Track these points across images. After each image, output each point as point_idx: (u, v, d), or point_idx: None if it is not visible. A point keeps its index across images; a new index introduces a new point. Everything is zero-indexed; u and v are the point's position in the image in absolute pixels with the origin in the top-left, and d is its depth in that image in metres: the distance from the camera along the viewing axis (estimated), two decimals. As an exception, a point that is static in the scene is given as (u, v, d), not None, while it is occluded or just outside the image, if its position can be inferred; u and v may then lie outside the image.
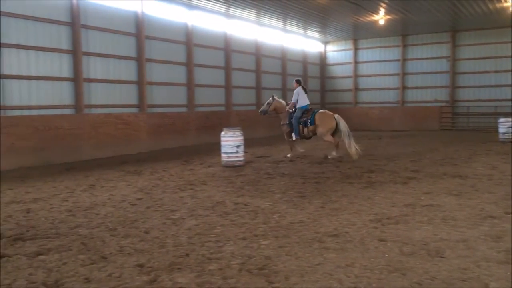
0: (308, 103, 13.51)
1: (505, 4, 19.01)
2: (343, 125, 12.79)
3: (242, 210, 6.99)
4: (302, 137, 13.46)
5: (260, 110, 14.24)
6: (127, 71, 16.08)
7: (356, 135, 22.56)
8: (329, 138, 13.13)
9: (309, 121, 13.05)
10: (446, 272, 4.26)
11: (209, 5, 18.64)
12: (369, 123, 28.03)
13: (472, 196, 7.64)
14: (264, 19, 22.12)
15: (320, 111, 13.38)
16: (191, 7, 18.51)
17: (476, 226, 5.79)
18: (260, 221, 6.27)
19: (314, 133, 13.21)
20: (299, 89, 13.38)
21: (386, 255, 4.78)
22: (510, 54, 24.45)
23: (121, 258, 4.83)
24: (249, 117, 22.13)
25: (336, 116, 13.03)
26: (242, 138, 12.15)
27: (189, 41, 18.67)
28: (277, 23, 23.13)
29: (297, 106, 13.33)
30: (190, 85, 18.85)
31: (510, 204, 6.93)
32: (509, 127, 17.21)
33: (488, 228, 5.69)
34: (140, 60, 16.39)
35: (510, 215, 6.29)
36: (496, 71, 24.88)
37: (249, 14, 20.78)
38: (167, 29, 17.72)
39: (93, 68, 14.81)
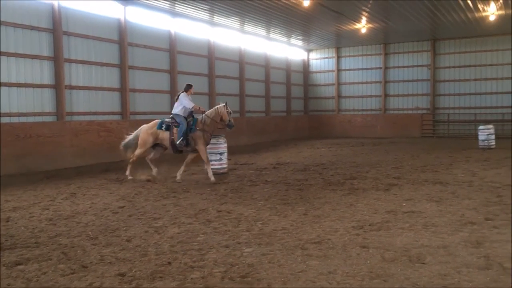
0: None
1: (484, 14, 19.41)
2: None
3: (225, 217, 6.97)
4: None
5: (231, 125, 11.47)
6: (110, 78, 15.97)
7: (339, 143, 22.89)
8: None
9: None
10: (426, 278, 4.30)
11: (193, 13, 18.65)
12: (352, 130, 28.30)
13: (452, 203, 7.74)
14: (248, 27, 22.21)
15: None
16: (175, 14, 18.50)
17: (456, 232, 5.87)
18: (243, 229, 6.26)
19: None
20: None
21: (368, 261, 4.81)
22: (489, 63, 24.98)
23: (102, 267, 4.77)
24: (232, 124, 22.14)
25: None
26: (225, 145, 12.16)
27: (172, 48, 18.65)
28: (261, 31, 23.23)
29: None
30: (173, 92, 18.78)
31: (490, 211, 7.05)
32: (488, 134, 17.53)
33: (468, 234, 5.76)
34: (123, 67, 16.31)
35: (489, 221, 6.40)
36: (476, 79, 25.35)
37: (233, 22, 20.84)
38: (150, 36, 17.68)
39: (75, 75, 14.66)
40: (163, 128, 11.01)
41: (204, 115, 11.12)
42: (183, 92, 11.28)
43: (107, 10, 15.84)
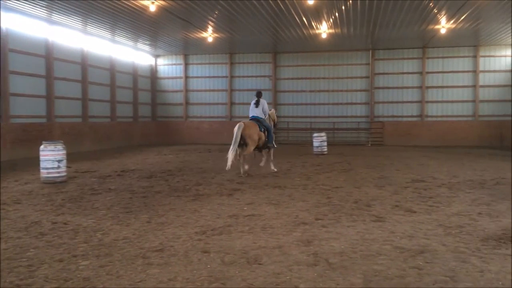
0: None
1: (317, 31, 21.33)
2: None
3: (60, 229, 6.52)
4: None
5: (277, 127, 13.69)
6: None
7: (186, 149, 23.01)
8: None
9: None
10: (262, 278, 4.55)
11: (28, 8, 17.14)
12: (199, 136, 28.73)
13: (288, 205, 8.32)
14: (91, 28, 21.17)
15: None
16: (7, 9, 16.79)
17: (290, 233, 6.31)
18: (80, 241, 5.93)
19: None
20: None
21: (209, 266, 4.92)
22: (322, 76, 27.51)
23: None
24: (74, 129, 20.86)
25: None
26: (64, 152, 11.39)
27: (3, 45, 16.89)
28: (105, 33, 22.32)
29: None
30: (4, 94, 17.01)
31: (320, 211, 7.74)
32: (321, 141, 19.24)
33: (301, 234, 6.24)
34: None
35: (319, 221, 7.02)
36: (311, 91, 27.73)
37: (75, 22, 19.66)
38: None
39: None
40: (262, 130, 12.73)
41: (268, 117, 13.65)
42: (261, 98, 13.86)
43: None
